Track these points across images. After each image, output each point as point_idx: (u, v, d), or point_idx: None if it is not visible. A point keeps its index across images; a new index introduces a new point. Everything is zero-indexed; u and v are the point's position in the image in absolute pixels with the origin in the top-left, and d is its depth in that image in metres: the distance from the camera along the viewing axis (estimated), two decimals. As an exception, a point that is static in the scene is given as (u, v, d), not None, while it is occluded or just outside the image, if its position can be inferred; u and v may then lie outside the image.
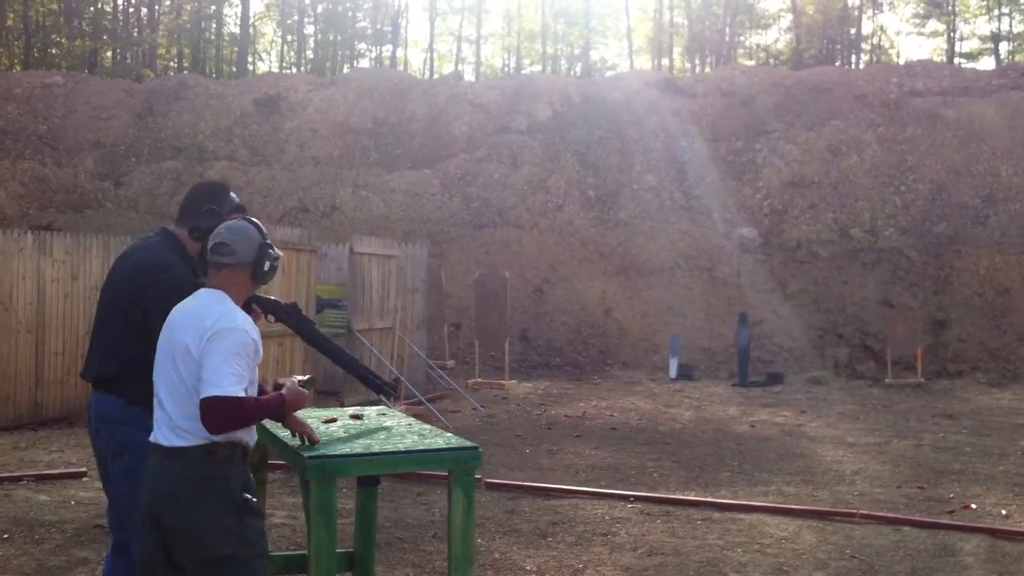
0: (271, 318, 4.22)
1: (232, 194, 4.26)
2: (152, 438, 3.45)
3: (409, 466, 3.97)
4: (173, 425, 3.39)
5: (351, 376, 4.53)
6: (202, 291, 3.59)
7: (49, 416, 11.96)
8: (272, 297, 4.35)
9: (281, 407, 3.60)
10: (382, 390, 4.39)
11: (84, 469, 8.56)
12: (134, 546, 3.80)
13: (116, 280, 4.08)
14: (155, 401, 3.50)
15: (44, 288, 12.09)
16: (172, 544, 3.37)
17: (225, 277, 3.56)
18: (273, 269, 3.65)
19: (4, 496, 7.62)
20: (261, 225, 3.66)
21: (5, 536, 6.45)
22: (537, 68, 49.37)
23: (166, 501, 3.36)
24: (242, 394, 3.36)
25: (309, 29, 50.51)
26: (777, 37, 51.93)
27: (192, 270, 4.08)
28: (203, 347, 3.36)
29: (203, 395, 3.30)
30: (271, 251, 3.63)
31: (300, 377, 3.82)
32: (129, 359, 3.86)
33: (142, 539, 3.46)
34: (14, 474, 8.44)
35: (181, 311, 3.53)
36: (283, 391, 3.63)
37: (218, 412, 3.30)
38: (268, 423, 4.40)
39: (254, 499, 3.45)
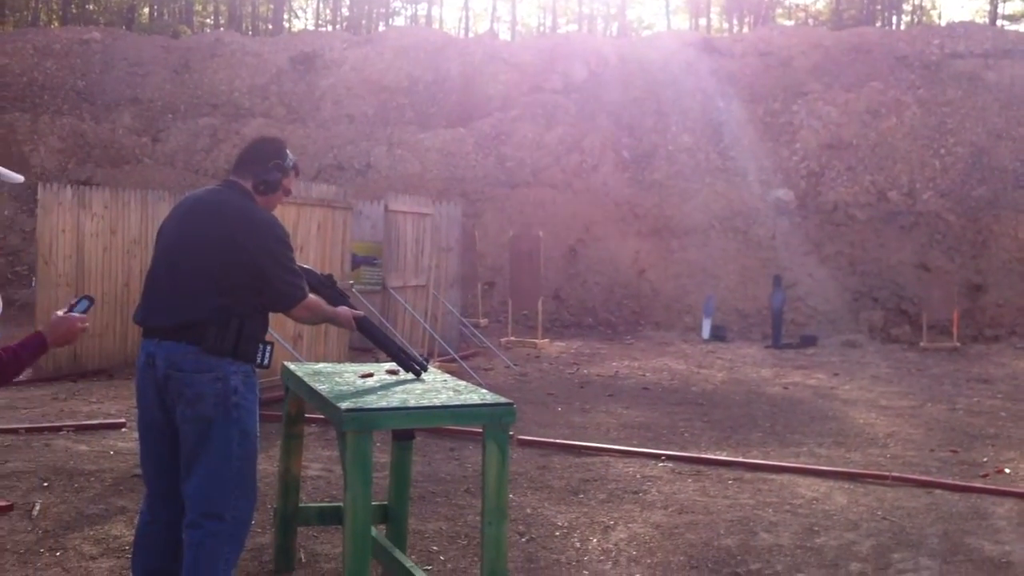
0: None
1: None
2: None
3: (445, 420, 4.00)
4: None
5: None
6: None
7: (88, 368, 12.12)
8: (307, 266, 4.37)
9: (43, 343, 3.32)
10: (411, 368, 4.43)
11: (123, 420, 8.68)
12: (187, 489, 3.87)
13: (204, 228, 3.98)
14: None
15: (83, 242, 12.21)
16: None
17: None
18: None
19: (44, 446, 7.75)
20: None
21: (45, 484, 6.56)
22: (573, 27, 49.03)
23: None
24: None
25: (345, -14, 50.39)
26: (817, -3, 51.22)
27: None
28: None
29: None
30: None
31: (77, 302, 3.54)
32: (216, 307, 3.86)
33: None
34: (54, 424, 8.58)
35: None
36: (41, 327, 3.34)
37: None
38: (304, 377, 4.45)
39: None
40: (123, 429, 8.47)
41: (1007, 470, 7.98)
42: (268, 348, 4.04)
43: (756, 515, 6.40)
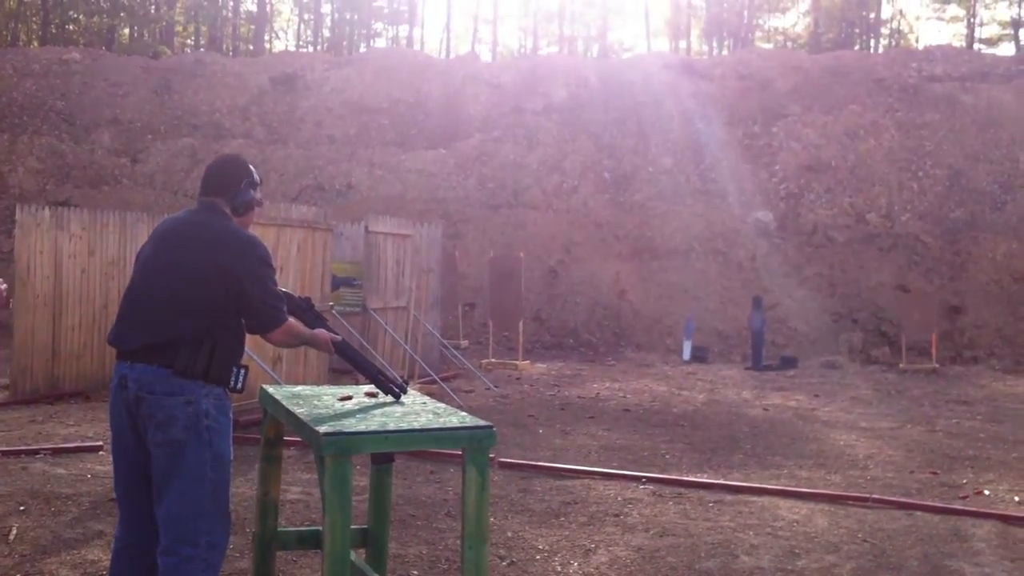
0: None
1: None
2: None
3: (424, 444, 3.97)
4: None
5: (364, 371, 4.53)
6: None
7: (65, 390, 12.03)
8: (285, 290, 4.32)
9: None
10: (391, 391, 4.39)
11: (100, 443, 8.61)
12: (160, 514, 3.82)
13: (185, 250, 3.95)
14: None
15: (61, 263, 12.14)
16: None
17: None
18: None
19: (21, 469, 7.68)
20: None
21: (22, 508, 6.50)
22: (554, 49, 49.23)
23: None
24: None
25: (326, 7, 50.48)
26: (796, 20, 51.75)
27: None
28: None
29: None
30: None
31: None
32: (189, 329, 3.82)
33: None
34: (31, 447, 8.50)
35: None
36: None
37: None
38: (283, 400, 4.41)
39: None
40: (100, 452, 8.40)
41: (987, 492, 8.00)
42: (243, 372, 4.00)
43: (737, 538, 6.38)
